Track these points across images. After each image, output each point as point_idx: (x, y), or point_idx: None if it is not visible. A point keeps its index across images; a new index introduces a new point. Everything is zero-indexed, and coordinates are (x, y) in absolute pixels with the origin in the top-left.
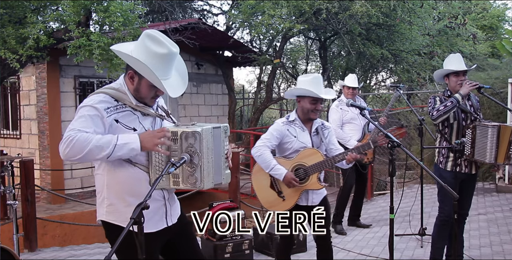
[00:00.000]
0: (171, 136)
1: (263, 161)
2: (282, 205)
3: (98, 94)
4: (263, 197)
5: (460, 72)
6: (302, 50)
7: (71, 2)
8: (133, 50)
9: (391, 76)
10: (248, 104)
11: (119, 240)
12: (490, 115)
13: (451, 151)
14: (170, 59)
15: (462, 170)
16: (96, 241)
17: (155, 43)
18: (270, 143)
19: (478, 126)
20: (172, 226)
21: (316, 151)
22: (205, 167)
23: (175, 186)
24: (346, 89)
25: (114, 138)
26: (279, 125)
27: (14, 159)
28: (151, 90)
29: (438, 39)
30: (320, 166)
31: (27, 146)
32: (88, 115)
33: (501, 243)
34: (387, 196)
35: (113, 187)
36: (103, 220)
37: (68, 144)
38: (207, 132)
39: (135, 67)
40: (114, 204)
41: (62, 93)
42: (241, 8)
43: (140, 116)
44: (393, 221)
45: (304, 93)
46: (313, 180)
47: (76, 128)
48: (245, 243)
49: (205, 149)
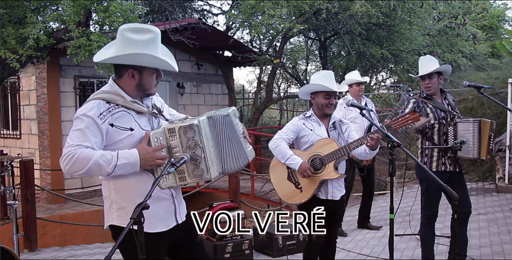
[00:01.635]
0: (168, 133)
1: (279, 152)
2: (299, 197)
3: (90, 101)
4: (281, 190)
5: (424, 76)
6: (302, 50)
7: (71, 2)
8: (117, 49)
9: (391, 76)
10: (248, 104)
11: (119, 240)
12: (490, 115)
13: (451, 150)
14: (157, 40)
15: (447, 169)
16: (96, 241)
17: (133, 33)
18: (286, 136)
19: (459, 123)
20: (180, 226)
21: (331, 140)
22: (208, 157)
23: (182, 182)
24: (355, 86)
25: (114, 157)
26: (295, 120)
27: (14, 159)
28: (153, 77)
29: (438, 39)
30: (335, 154)
31: (27, 146)
32: (84, 127)
33: (501, 243)
34: (387, 196)
35: (120, 191)
36: (113, 225)
37: (69, 161)
38: (203, 123)
39: (131, 62)
40: (124, 207)
41: (62, 93)
42: (241, 8)
43: (134, 115)
44: (393, 221)
45: (317, 88)
46: (329, 169)
47: (76, 143)
48: (245, 243)
49: (205, 140)
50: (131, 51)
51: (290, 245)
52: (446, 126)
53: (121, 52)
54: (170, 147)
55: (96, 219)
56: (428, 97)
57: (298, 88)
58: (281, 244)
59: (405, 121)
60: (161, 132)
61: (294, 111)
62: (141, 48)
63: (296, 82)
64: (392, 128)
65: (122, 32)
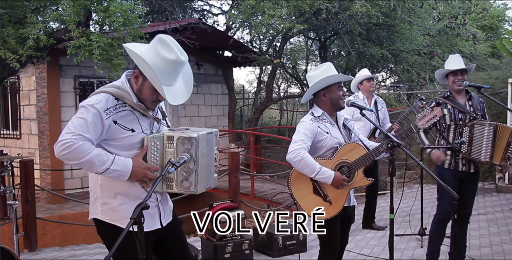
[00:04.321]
0: (167, 140)
1: (306, 166)
2: (330, 210)
3: (100, 93)
4: (307, 206)
5: (457, 71)
6: (302, 50)
7: (71, 2)
8: (144, 51)
9: (391, 76)
10: (248, 104)
11: (119, 241)
12: (490, 115)
13: (450, 150)
14: (177, 66)
15: (460, 169)
16: (96, 241)
17: (165, 48)
18: (306, 144)
19: (476, 125)
20: (165, 226)
21: (357, 145)
22: (199, 172)
23: (168, 189)
24: (366, 82)
25: (109, 161)
26: (308, 123)
27: (14, 159)
28: (153, 94)
29: (438, 39)
30: (364, 160)
31: (27, 146)
32: (89, 118)
33: (501, 243)
34: (387, 196)
35: (106, 187)
36: (96, 218)
37: (66, 148)
38: (202, 138)
39: (141, 68)
40: (107, 203)
41: (62, 93)
42: (241, 8)
43: (139, 116)
44: (393, 221)
45: (332, 80)
46: (359, 176)
47: (78, 133)
48: (245, 243)
49: (201, 154)
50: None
51: (290, 245)
52: (462, 127)
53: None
54: (164, 153)
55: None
56: (449, 97)
57: (298, 88)
58: (281, 244)
59: (431, 117)
60: (160, 137)
61: (294, 111)
62: (155, 62)
63: (296, 82)
64: (420, 127)
65: (156, 39)
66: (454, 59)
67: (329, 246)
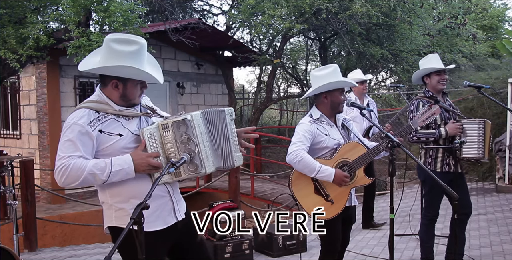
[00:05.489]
0: (162, 129)
1: (305, 166)
2: (331, 210)
3: (79, 110)
4: (309, 206)
5: (442, 70)
6: (302, 50)
7: (71, 2)
8: (101, 59)
9: (391, 76)
10: (248, 104)
11: (119, 240)
12: (490, 115)
13: (447, 151)
14: (142, 50)
15: (451, 169)
16: (96, 241)
17: (123, 43)
18: (304, 145)
19: (465, 123)
20: (180, 225)
21: (356, 144)
22: (203, 152)
23: (177, 177)
24: (359, 84)
25: (108, 165)
26: (307, 125)
27: (14, 159)
28: (137, 88)
29: (438, 39)
30: (365, 158)
31: (27, 146)
32: (74, 136)
33: (501, 243)
34: (387, 196)
35: (116, 194)
36: (112, 226)
37: (63, 173)
38: (197, 117)
39: (114, 74)
40: (122, 208)
41: (62, 93)
42: (241, 8)
43: (124, 122)
44: (393, 221)
45: (337, 86)
46: (360, 175)
47: (67, 155)
48: (245, 243)
49: (199, 134)
50: (115, 63)
51: (290, 245)
52: None
53: (105, 64)
54: (163, 142)
55: (96, 219)
56: (433, 96)
57: (298, 88)
58: (281, 244)
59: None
60: (155, 127)
61: (294, 111)
62: (124, 60)
63: (296, 82)
64: (419, 124)
65: (108, 42)
66: (435, 59)
67: (330, 246)
